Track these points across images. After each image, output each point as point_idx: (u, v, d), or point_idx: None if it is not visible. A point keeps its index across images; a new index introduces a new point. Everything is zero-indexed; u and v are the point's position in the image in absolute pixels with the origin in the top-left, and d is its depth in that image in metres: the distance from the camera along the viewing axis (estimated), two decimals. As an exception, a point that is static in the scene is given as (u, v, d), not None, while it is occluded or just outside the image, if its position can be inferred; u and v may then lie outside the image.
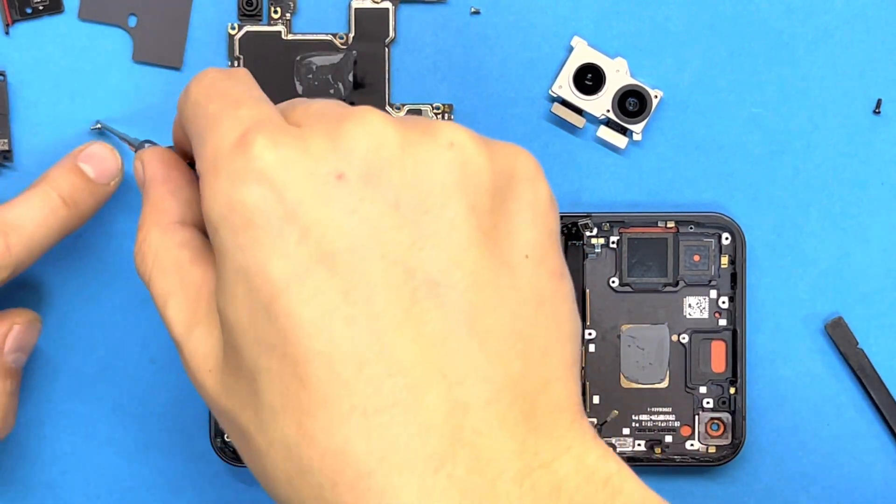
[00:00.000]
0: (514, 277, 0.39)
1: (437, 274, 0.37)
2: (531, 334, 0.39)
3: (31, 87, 0.54)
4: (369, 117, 0.38)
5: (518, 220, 0.39)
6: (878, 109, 0.55)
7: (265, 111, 0.40)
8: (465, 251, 0.38)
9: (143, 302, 0.55)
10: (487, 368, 0.38)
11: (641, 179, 0.55)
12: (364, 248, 0.37)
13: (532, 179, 0.40)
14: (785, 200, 0.55)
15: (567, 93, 0.54)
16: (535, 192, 0.40)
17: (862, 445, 0.56)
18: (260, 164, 0.37)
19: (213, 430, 0.54)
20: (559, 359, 0.39)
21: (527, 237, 0.39)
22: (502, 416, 0.37)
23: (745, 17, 0.55)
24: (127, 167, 0.53)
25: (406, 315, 0.37)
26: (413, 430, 0.37)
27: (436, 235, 0.37)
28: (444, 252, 0.38)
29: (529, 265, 0.39)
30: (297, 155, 0.37)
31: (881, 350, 0.56)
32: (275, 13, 0.54)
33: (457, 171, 0.38)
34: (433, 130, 0.39)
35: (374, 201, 0.37)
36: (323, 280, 0.37)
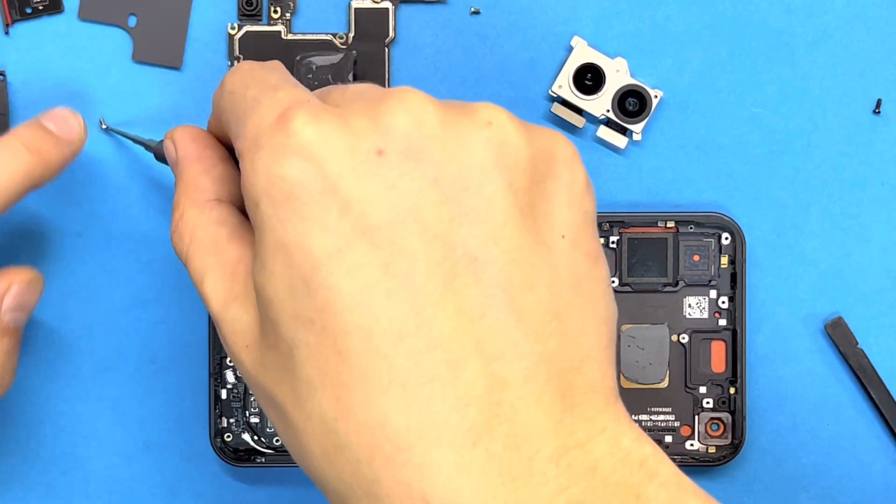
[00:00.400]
0: (551, 256, 0.39)
1: (475, 249, 0.37)
2: (567, 314, 0.39)
3: (31, 87, 0.54)
4: (409, 96, 0.38)
5: (555, 200, 0.39)
6: (878, 109, 0.55)
7: (303, 93, 0.40)
8: (503, 227, 0.38)
9: (143, 302, 0.55)
10: (525, 345, 0.38)
11: (641, 179, 0.55)
12: (404, 223, 0.37)
13: (569, 162, 0.40)
14: (785, 200, 0.55)
15: (567, 93, 0.54)
16: (573, 175, 0.40)
17: (862, 445, 0.56)
18: (300, 139, 0.38)
19: (213, 430, 0.54)
20: (595, 339, 0.39)
21: (564, 218, 0.39)
22: (539, 393, 0.37)
23: (745, 17, 0.55)
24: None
25: (445, 289, 0.37)
26: (451, 405, 0.37)
27: (474, 211, 0.38)
28: (482, 228, 0.38)
29: (566, 245, 0.39)
30: (338, 131, 0.38)
31: (881, 350, 0.56)
32: (275, 13, 0.54)
33: (495, 148, 0.38)
34: (472, 110, 0.39)
35: (414, 177, 0.37)
36: (363, 254, 0.37)
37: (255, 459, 0.54)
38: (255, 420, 0.54)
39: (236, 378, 0.54)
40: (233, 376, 0.54)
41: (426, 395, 0.37)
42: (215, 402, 0.54)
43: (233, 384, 0.54)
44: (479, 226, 0.38)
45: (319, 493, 0.56)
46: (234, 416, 0.54)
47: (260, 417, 0.54)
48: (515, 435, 0.37)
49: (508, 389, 0.37)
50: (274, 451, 0.54)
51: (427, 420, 0.37)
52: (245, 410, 0.54)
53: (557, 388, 0.38)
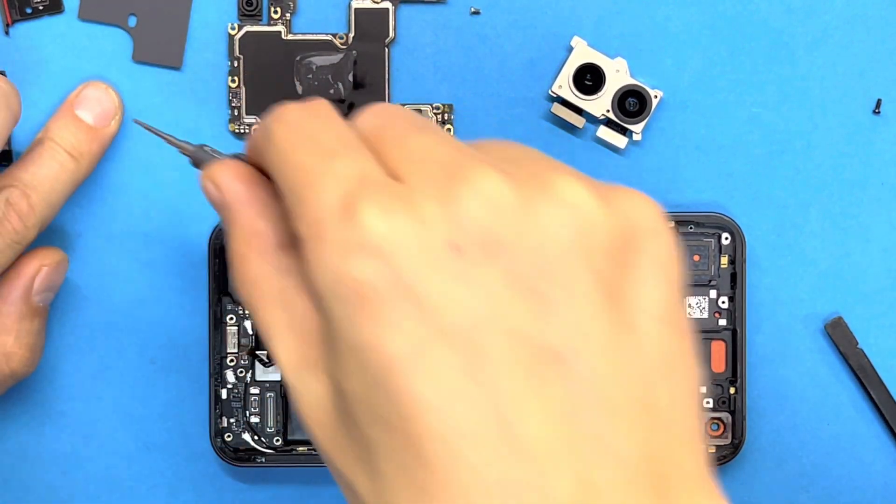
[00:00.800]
0: (641, 341, 0.36)
1: (560, 346, 0.35)
2: (659, 403, 0.36)
3: (31, 87, 0.54)
4: (482, 179, 0.36)
5: (641, 277, 0.37)
6: (878, 109, 0.55)
7: (361, 163, 0.37)
8: (589, 320, 0.35)
9: (143, 302, 0.55)
10: (616, 444, 0.35)
11: (641, 179, 0.55)
12: (484, 323, 0.35)
13: (654, 230, 0.37)
14: (785, 200, 0.55)
15: (567, 93, 0.54)
16: (658, 245, 0.37)
17: (862, 445, 0.56)
18: (370, 237, 0.35)
19: (213, 430, 0.54)
20: (688, 422, 0.37)
21: (651, 296, 0.37)
22: (632, 494, 0.35)
23: (745, 17, 0.55)
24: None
25: (531, 392, 0.35)
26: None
27: (557, 304, 0.35)
28: (566, 322, 0.35)
29: (655, 326, 0.37)
30: (409, 224, 0.35)
31: (881, 350, 0.56)
32: (275, 13, 0.54)
33: (575, 232, 0.36)
34: (549, 187, 0.37)
35: (492, 273, 0.35)
36: (442, 357, 0.35)
37: (255, 459, 0.54)
38: (256, 420, 0.54)
39: (236, 378, 0.54)
40: (233, 376, 0.54)
41: (513, 503, 0.34)
42: (215, 402, 0.54)
43: (233, 384, 0.54)
44: (562, 320, 0.35)
45: (319, 494, 0.56)
46: (234, 416, 0.54)
47: (260, 417, 0.54)
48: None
49: (600, 493, 0.35)
50: (274, 450, 0.54)
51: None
52: (245, 410, 0.54)
53: (651, 485, 0.35)
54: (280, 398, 0.54)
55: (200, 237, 0.54)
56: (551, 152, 0.55)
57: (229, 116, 0.55)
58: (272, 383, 0.54)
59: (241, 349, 0.54)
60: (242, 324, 0.54)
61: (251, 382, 0.54)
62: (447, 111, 0.55)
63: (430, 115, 0.55)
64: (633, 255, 0.37)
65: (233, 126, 0.54)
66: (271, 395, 0.54)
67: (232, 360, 0.54)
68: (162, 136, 0.47)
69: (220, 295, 0.54)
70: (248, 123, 0.54)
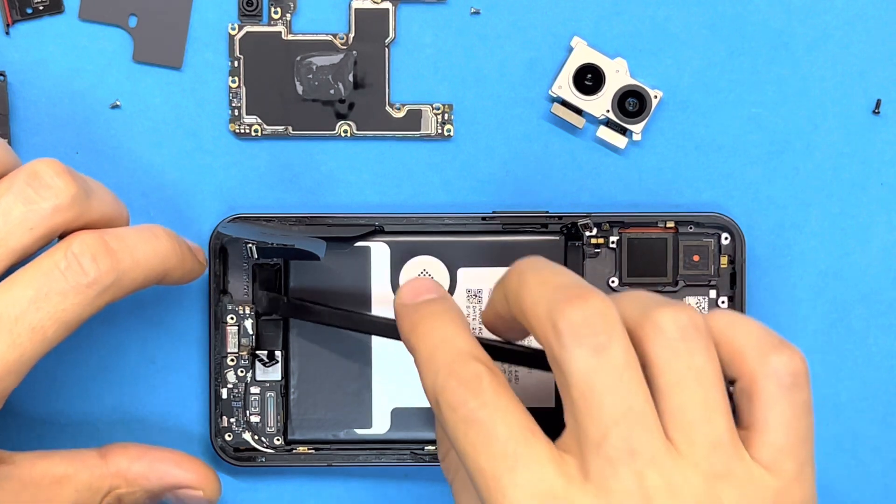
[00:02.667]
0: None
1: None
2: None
3: (31, 87, 0.54)
4: (667, 481, 0.40)
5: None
6: (878, 109, 0.55)
7: (539, 473, 0.41)
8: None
9: (142, 302, 0.55)
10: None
11: (641, 179, 0.55)
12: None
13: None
14: (785, 200, 0.55)
15: (567, 93, 0.54)
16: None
17: (862, 445, 0.56)
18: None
19: (213, 430, 0.54)
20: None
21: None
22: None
23: (745, 17, 0.55)
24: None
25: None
26: None
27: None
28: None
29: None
30: None
31: (881, 350, 0.56)
32: (275, 13, 0.54)
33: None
34: (732, 467, 0.41)
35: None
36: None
37: (255, 459, 0.54)
38: (256, 419, 0.54)
39: (237, 378, 0.54)
40: (233, 376, 0.54)
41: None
42: (216, 402, 0.54)
43: (233, 384, 0.54)
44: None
45: (320, 493, 0.56)
46: (234, 416, 0.54)
47: (260, 417, 0.54)
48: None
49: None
50: (274, 450, 0.54)
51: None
52: (245, 410, 0.54)
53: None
54: (280, 398, 0.54)
55: (201, 238, 0.54)
56: (551, 152, 0.55)
57: (229, 116, 0.55)
58: (272, 383, 0.54)
59: (241, 349, 0.54)
60: (243, 323, 0.54)
61: (251, 382, 0.54)
62: (447, 111, 0.55)
63: (430, 116, 0.55)
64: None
65: (233, 126, 0.54)
66: (272, 395, 0.54)
67: (232, 359, 0.54)
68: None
69: (220, 295, 0.54)
70: (248, 123, 0.54)
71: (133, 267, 0.47)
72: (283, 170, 0.55)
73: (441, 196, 0.55)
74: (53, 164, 0.46)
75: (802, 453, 0.42)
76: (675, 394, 0.41)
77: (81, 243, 0.46)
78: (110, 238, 0.47)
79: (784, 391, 0.42)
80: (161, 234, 0.49)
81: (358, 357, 0.54)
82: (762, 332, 0.43)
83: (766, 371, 0.42)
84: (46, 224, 0.46)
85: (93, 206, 0.47)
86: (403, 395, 0.54)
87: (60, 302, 0.45)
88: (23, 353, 0.45)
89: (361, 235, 0.53)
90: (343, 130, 0.55)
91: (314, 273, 0.54)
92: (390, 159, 0.55)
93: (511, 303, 0.44)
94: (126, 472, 0.50)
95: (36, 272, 0.46)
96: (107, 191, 0.48)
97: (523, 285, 0.43)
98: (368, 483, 0.56)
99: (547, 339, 0.41)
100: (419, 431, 0.54)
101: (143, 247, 0.48)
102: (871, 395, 0.56)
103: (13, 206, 0.45)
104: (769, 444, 0.42)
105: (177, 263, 0.49)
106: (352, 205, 0.55)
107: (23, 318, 0.45)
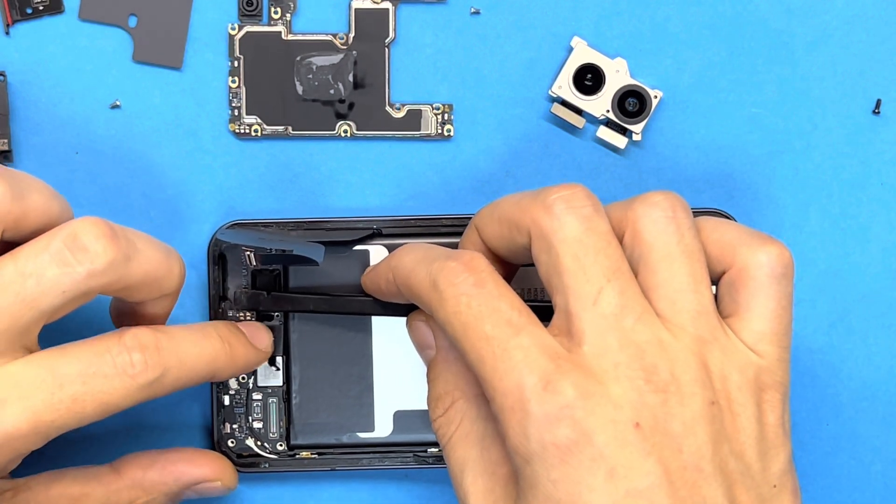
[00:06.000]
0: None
1: (722, 500, 0.43)
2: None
3: (31, 87, 0.54)
4: (676, 375, 0.43)
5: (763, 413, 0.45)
6: (878, 109, 0.55)
7: (542, 336, 0.43)
8: (740, 485, 0.43)
9: (143, 302, 0.55)
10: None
11: (641, 179, 0.55)
12: (659, 485, 0.42)
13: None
14: (785, 200, 0.55)
15: (567, 93, 0.54)
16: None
17: (862, 445, 0.56)
18: (571, 412, 0.42)
19: (216, 436, 0.54)
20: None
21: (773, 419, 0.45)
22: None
23: (745, 17, 0.55)
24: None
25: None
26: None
27: (713, 473, 0.43)
28: (721, 488, 0.43)
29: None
30: (602, 403, 0.42)
31: (881, 350, 0.56)
32: (275, 13, 0.54)
33: (715, 420, 0.43)
34: (702, 381, 0.43)
35: (663, 446, 0.42)
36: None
37: (259, 465, 0.54)
38: (259, 425, 0.54)
39: (238, 384, 0.54)
40: (235, 382, 0.54)
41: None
42: (218, 409, 0.54)
43: (235, 390, 0.54)
44: (721, 482, 0.42)
45: (323, 498, 0.56)
46: (237, 422, 0.54)
47: (263, 423, 0.54)
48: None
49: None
50: (277, 455, 0.54)
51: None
52: (248, 416, 0.54)
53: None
54: (282, 403, 0.54)
55: (200, 238, 0.54)
56: (551, 152, 0.55)
57: (229, 116, 0.55)
58: (274, 388, 0.54)
59: None
60: None
61: (253, 388, 0.54)
62: (447, 111, 0.55)
63: (429, 116, 0.55)
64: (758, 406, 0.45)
65: (233, 126, 0.54)
66: (273, 401, 0.54)
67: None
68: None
69: (220, 300, 0.54)
70: (248, 123, 0.54)
71: (178, 366, 0.48)
72: (283, 170, 0.55)
73: (441, 196, 0.55)
74: (96, 225, 0.46)
75: (785, 341, 0.45)
76: (662, 268, 0.44)
77: (134, 337, 0.47)
78: (163, 337, 0.48)
79: (774, 281, 0.44)
80: (213, 335, 0.50)
81: (359, 361, 0.54)
82: (750, 229, 0.46)
83: (758, 260, 0.44)
84: (80, 288, 0.46)
85: (133, 269, 0.47)
86: (405, 398, 0.54)
87: (104, 384, 0.46)
88: (57, 419, 0.46)
89: (360, 239, 0.53)
90: (343, 130, 0.55)
91: (313, 277, 0.53)
92: (390, 159, 0.55)
93: (494, 219, 0.47)
94: (142, 482, 0.51)
95: (89, 351, 0.47)
96: (156, 249, 0.48)
97: (497, 206, 0.47)
98: (372, 486, 0.55)
99: (538, 221, 0.44)
100: (421, 434, 0.54)
101: (192, 349, 0.48)
102: (871, 395, 0.56)
103: (48, 267, 0.45)
104: (753, 329, 0.44)
105: (225, 364, 0.50)
106: (351, 205, 0.55)
107: (67, 386, 0.46)
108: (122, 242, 0.46)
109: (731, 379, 0.44)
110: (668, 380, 0.43)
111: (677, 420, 0.42)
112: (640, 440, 0.42)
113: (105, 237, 0.46)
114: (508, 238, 0.46)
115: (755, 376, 0.44)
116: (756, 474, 0.44)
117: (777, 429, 0.44)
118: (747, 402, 0.44)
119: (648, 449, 0.42)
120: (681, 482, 0.42)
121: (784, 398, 0.45)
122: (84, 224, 0.46)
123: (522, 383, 0.42)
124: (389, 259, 0.48)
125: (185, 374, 0.48)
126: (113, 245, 0.46)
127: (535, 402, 0.42)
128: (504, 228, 0.46)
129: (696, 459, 0.42)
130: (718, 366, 0.43)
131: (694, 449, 0.42)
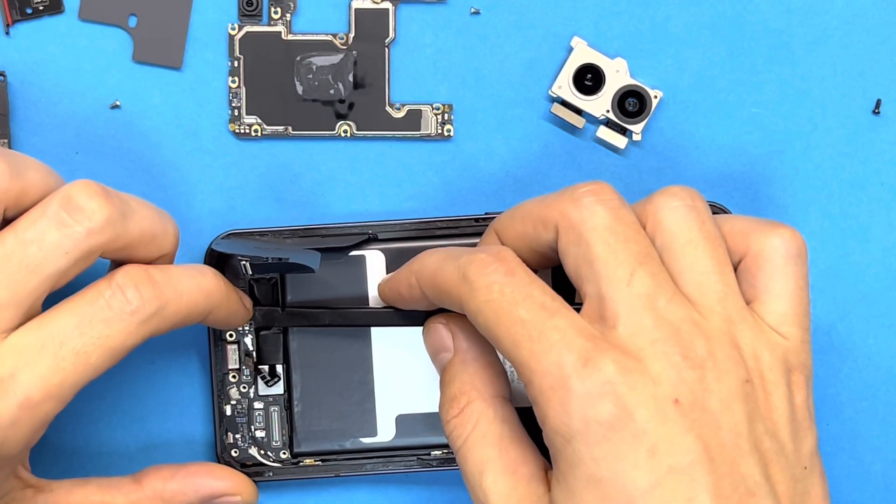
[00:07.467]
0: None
1: (756, 484, 0.43)
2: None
3: (31, 87, 0.54)
4: (697, 351, 0.43)
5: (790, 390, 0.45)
6: (878, 109, 0.55)
7: (576, 319, 0.44)
8: (782, 460, 0.44)
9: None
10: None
11: (641, 179, 0.55)
12: (700, 462, 0.42)
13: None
14: (785, 200, 0.55)
15: (567, 93, 0.54)
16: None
17: (862, 445, 0.56)
18: (613, 388, 0.42)
19: (219, 446, 0.54)
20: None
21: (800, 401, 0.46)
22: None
23: (745, 17, 0.55)
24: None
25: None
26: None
27: (751, 447, 0.43)
28: (761, 463, 0.43)
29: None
30: (642, 380, 0.42)
31: (881, 350, 0.56)
32: (275, 13, 0.54)
33: (750, 399, 0.44)
34: (735, 359, 0.44)
35: (703, 423, 0.42)
36: (671, 490, 0.42)
37: (263, 473, 0.54)
38: (261, 434, 0.54)
39: (240, 394, 0.54)
40: (236, 392, 0.54)
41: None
42: (220, 419, 0.54)
43: (237, 400, 0.54)
44: (757, 460, 0.43)
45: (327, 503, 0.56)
46: (239, 432, 0.54)
47: (265, 431, 0.54)
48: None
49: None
50: (281, 464, 0.54)
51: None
52: (250, 425, 0.54)
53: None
54: (284, 411, 0.54)
55: (200, 238, 0.54)
56: (551, 152, 0.55)
57: (229, 116, 0.55)
58: (276, 397, 0.54)
59: (242, 363, 0.54)
60: (242, 340, 0.54)
61: (255, 397, 0.54)
62: (447, 111, 0.55)
63: (429, 116, 0.55)
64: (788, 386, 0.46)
65: (233, 126, 0.54)
66: (275, 409, 0.54)
67: (234, 376, 0.54)
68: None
69: None
70: (248, 123, 0.54)
71: (176, 298, 0.47)
72: (283, 170, 0.55)
73: (441, 196, 0.55)
74: (88, 186, 0.46)
75: (806, 322, 0.45)
76: (686, 253, 0.45)
77: (125, 275, 0.47)
78: (155, 271, 0.47)
79: (790, 261, 0.45)
80: (207, 272, 0.49)
81: (359, 366, 0.54)
82: (759, 218, 0.47)
83: (772, 244, 0.46)
84: (81, 248, 0.46)
85: (130, 226, 0.47)
86: (407, 402, 0.54)
87: (104, 328, 0.46)
88: (66, 378, 0.46)
89: (355, 245, 0.53)
90: (343, 130, 0.55)
91: (311, 285, 0.53)
92: (390, 159, 0.55)
93: (514, 221, 0.47)
94: (162, 493, 0.51)
95: (81, 300, 0.46)
96: (149, 209, 0.48)
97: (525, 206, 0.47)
98: (376, 490, 0.55)
99: (567, 213, 0.45)
100: (425, 437, 0.54)
101: (188, 281, 0.48)
102: (871, 395, 0.56)
103: (47, 231, 0.45)
104: (776, 311, 0.45)
105: (221, 301, 0.50)
106: (351, 205, 0.55)
107: (67, 342, 0.45)
108: (115, 200, 0.46)
109: (762, 358, 0.44)
110: (704, 356, 0.43)
111: (715, 397, 0.43)
112: (680, 416, 0.42)
113: (98, 195, 0.46)
114: (533, 236, 0.46)
115: (783, 356, 0.45)
116: (789, 454, 0.44)
117: (804, 410, 0.45)
118: (779, 382, 0.44)
119: (689, 425, 0.42)
120: (720, 459, 0.42)
121: (808, 380, 0.45)
122: (76, 186, 0.46)
123: (562, 362, 0.43)
124: (410, 264, 0.49)
125: (184, 306, 0.48)
126: (107, 203, 0.46)
127: (576, 379, 0.42)
128: (528, 226, 0.46)
129: (734, 437, 0.43)
130: (750, 345, 0.44)
131: (731, 426, 0.43)
